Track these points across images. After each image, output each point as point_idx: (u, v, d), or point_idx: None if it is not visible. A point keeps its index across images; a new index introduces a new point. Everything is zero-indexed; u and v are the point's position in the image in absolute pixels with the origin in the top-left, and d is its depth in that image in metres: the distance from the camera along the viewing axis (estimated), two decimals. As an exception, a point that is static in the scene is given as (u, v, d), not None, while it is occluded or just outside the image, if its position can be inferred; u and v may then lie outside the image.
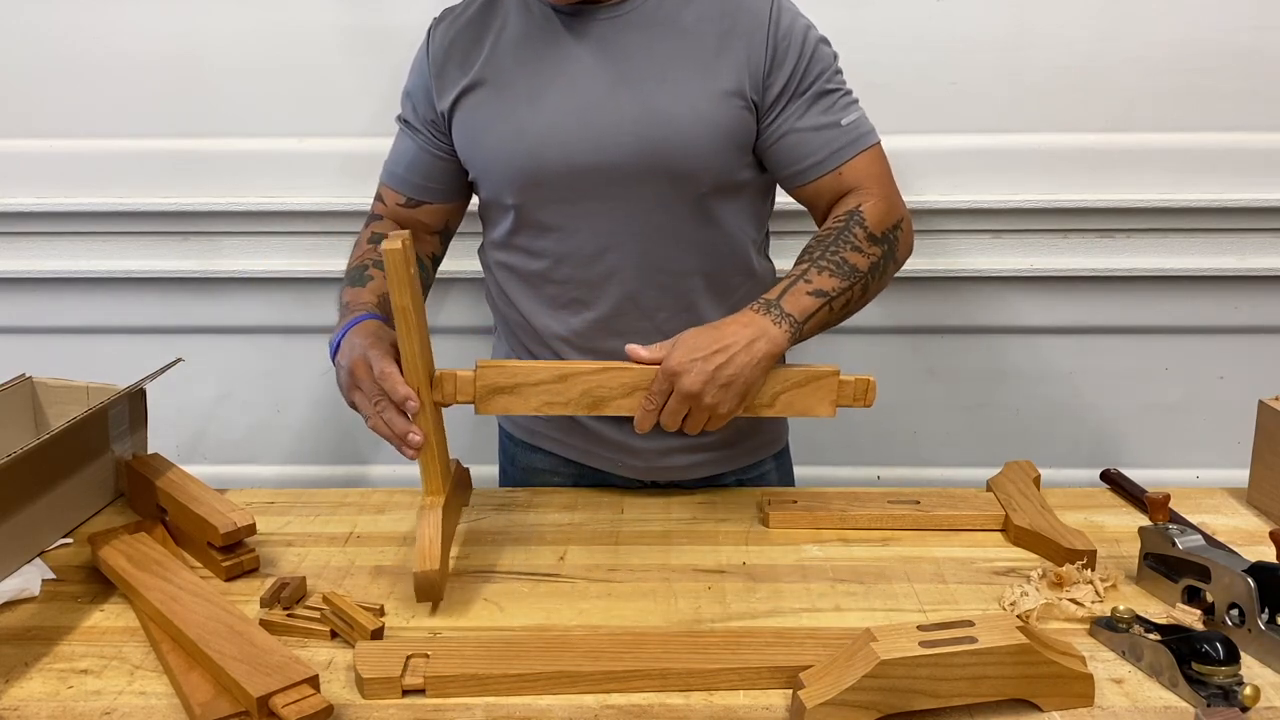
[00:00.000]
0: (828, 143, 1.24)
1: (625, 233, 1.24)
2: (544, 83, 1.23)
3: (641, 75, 1.22)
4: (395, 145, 1.36)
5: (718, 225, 1.27)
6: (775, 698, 0.92)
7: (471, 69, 1.26)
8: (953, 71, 1.64)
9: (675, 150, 1.21)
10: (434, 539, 1.08)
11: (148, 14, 1.65)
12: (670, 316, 1.27)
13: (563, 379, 1.12)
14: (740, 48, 1.22)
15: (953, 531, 1.23)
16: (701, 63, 1.22)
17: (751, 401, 1.13)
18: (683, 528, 1.26)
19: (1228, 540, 1.19)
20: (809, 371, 1.15)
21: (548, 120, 1.22)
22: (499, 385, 1.13)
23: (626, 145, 1.21)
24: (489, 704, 0.92)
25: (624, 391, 1.12)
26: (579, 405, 1.13)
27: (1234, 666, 0.90)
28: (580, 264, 1.26)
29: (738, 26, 1.22)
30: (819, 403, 1.15)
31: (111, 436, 1.30)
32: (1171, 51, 1.62)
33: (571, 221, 1.25)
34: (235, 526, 1.13)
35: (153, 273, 1.75)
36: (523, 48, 1.25)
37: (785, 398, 1.15)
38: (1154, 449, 1.81)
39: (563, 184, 1.23)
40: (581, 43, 1.23)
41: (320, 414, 1.84)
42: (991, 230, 1.70)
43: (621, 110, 1.21)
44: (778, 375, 1.14)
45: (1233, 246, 1.70)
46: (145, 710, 0.92)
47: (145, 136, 1.70)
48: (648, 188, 1.22)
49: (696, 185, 1.23)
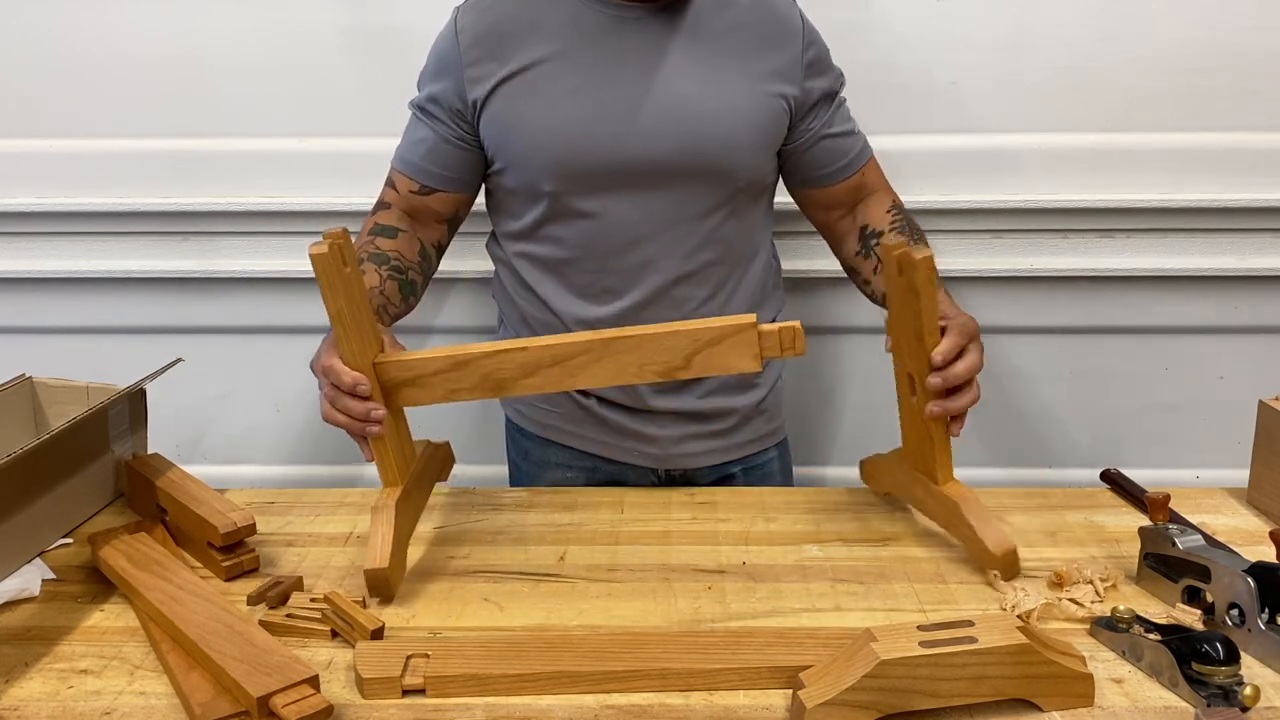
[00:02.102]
0: (853, 146, 1.37)
1: (661, 224, 1.28)
2: (588, 74, 1.26)
3: (686, 74, 1.26)
4: (409, 133, 1.35)
5: (747, 220, 1.33)
6: (775, 698, 0.92)
7: (509, 59, 1.27)
8: (953, 71, 1.64)
9: (717, 147, 1.26)
10: (386, 535, 1.09)
11: (148, 14, 1.65)
12: (698, 306, 1.33)
13: (460, 366, 1.11)
14: (779, 52, 1.29)
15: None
16: (744, 64, 1.28)
17: (670, 366, 1.09)
18: (683, 528, 1.26)
19: (1228, 540, 1.19)
20: (724, 326, 1.07)
21: (592, 111, 1.25)
22: (399, 379, 1.12)
23: (670, 140, 1.25)
24: (489, 704, 0.92)
25: (524, 372, 1.10)
26: (482, 390, 1.11)
27: (1234, 666, 0.89)
28: (614, 253, 1.30)
29: (774, 31, 1.29)
30: (740, 358, 1.08)
31: (111, 436, 1.30)
32: (1171, 51, 1.63)
33: (609, 211, 1.28)
34: (235, 526, 1.13)
35: (153, 273, 1.75)
36: (564, 39, 1.26)
37: (701, 358, 1.08)
38: (1154, 449, 1.81)
39: (604, 174, 1.26)
40: (626, 37, 1.26)
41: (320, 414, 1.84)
42: (991, 230, 1.70)
43: (665, 105, 1.24)
44: (689, 334, 1.08)
45: (1233, 246, 1.70)
46: (145, 710, 0.92)
47: (145, 136, 1.71)
48: (686, 182, 1.27)
49: (733, 181, 1.29)
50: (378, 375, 1.11)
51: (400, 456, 1.16)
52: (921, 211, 1.66)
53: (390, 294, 1.26)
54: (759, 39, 1.29)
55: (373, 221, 1.34)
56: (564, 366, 1.10)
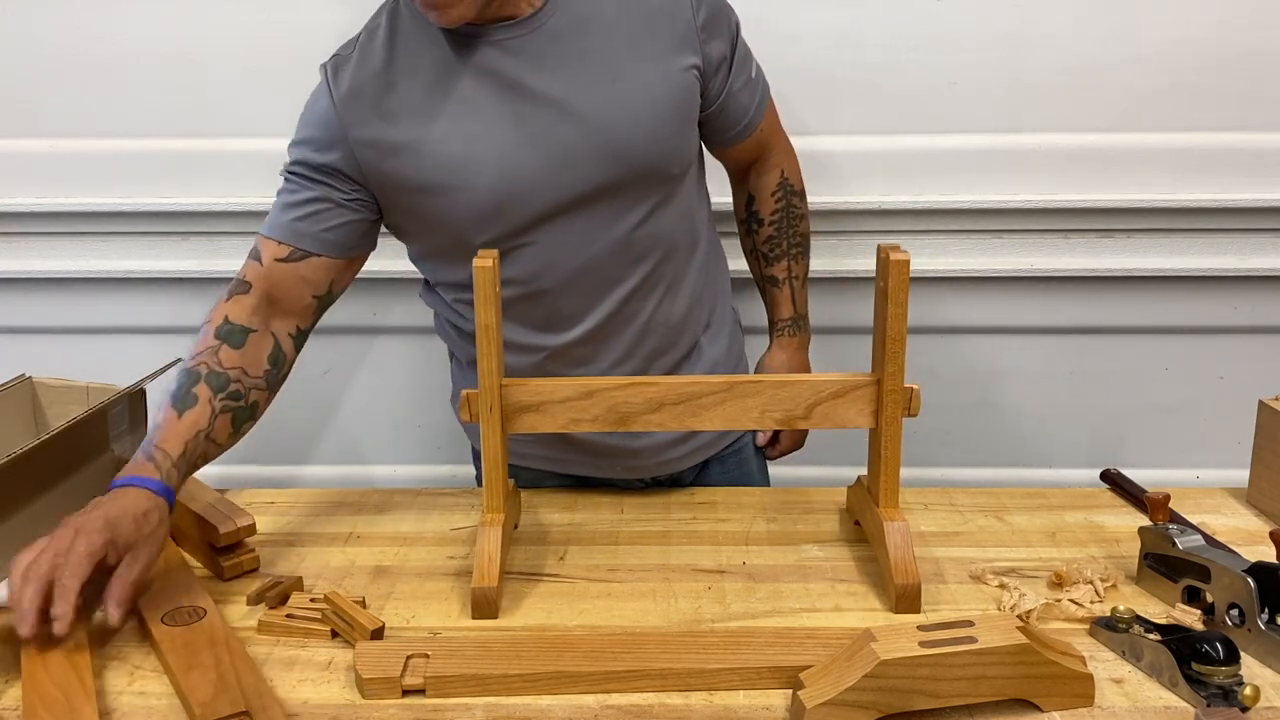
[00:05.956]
0: (751, 97, 1.30)
1: (607, 240, 1.22)
2: (487, 116, 1.16)
3: (589, 81, 1.17)
4: (279, 199, 1.22)
5: (688, 201, 1.28)
6: (775, 698, 0.92)
7: (398, 116, 1.17)
8: (953, 71, 1.64)
9: (642, 146, 1.19)
10: (493, 556, 1.08)
11: (148, 14, 1.65)
12: (660, 300, 1.27)
13: (588, 395, 1.12)
14: (671, 24, 1.20)
15: (953, 533, 1.23)
16: (642, 52, 1.19)
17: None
18: (683, 528, 1.26)
19: (1228, 540, 1.19)
20: (846, 381, 1.12)
21: (506, 154, 1.16)
22: (523, 404, 1.12)
23: (595, 157, 1.17)
24: (489, 704, 0.92)
25: (649, 408, 1.12)
26: (604, 421, 1.13)
27: (1234, 666, 0.90)
28: (565, 280, 1.22)
29: (659, 4, 1.20)
30: (859, 414, 1.12)
31: (111, 436, 1.30)
32: (1171, 51, 1.62)
33: (549, 243, 1.20)
34: (235, 526, 1.13)
35: (153, 273, 1.75)
36: (447, 84, 1.16)
37: (822, 408, 1.12)
38: (1154, 449, 1.81)
39: (536, 212, 1.19)
40: (512, 64, 1.16)
41: (320, 414, 1.84)
42: (991, 230, 1.70)
43: (578, 124, 1.16)
44: (812, 385, 1.12)
45: (1233, 246, 1.70)
46: (145, 710, 0.92)
47: (145, 136, 1.70)
48: (623, 190, 1.20)
49: (668, 170, 1.23)
50: (503, 397, 1.11)
51: (505, 485, 1.14)
52: (922, 212, 1.66)
53: (218, 434, 1.12)
54: (646, 15, 1.19)
55: (223, 316, 1.16)
56: (689, 405, 1.12)
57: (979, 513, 1.28)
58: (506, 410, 1.12)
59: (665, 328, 1.29)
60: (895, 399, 1.10)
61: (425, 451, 1.84)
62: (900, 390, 1.10)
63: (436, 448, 1.83)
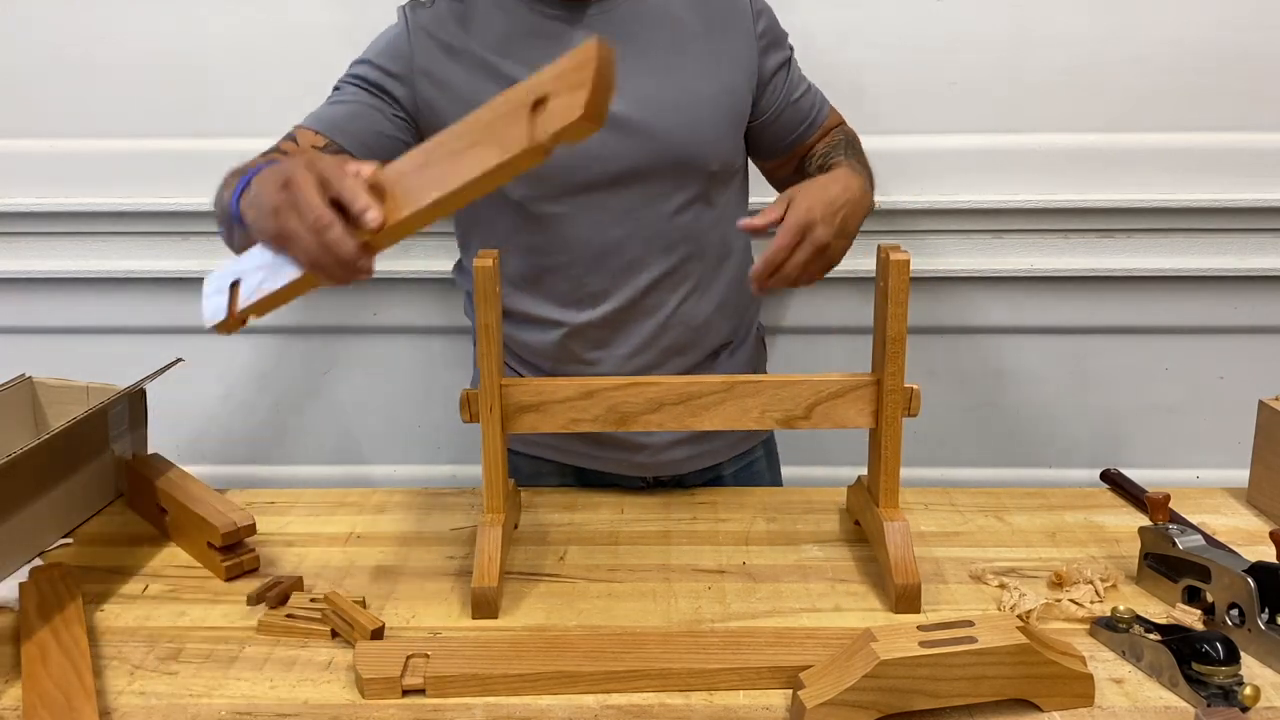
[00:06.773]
0: (812, 104, 1.37)
1: (639, 222, 1.26)
2: None
3: (644, 68, 1.23)
4: (326, 102, 1.27)
5: (725, 209, 1.30)
6: (775, 698, 0.92)
7: (461, 59, 1.23)
8: (953, 71, 1.64)
9: (684, 140, 1.24)
10: (493, 556, 1.08)
11: (148, 14, 1.65)
12: (685, 297, 1.29)
13: (588, 395, 1.12)
14: (731, 29, 1.26)
15: (953, 533, 1.23)
16: (699, 50, 1.25)
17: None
18: (683, 528, 1.26)
19: (1228, 540, 1.19)
20: (846, 380, 1.12)
21: None
22: (523, 403, 1.12)
23: (638, 138, 1.22)
24: (489, 704, 0.92)
25: (649, 407, 1.12)
26: (605, 421, 1.13)
27: (1234, 666, 0.90)
28: (593, 256, 1.26)
29: (722, 9, 1.27)
30: (859, 414, 1.13)
31: (111, 436, 1.30)
32: (1171, 51, 1.62)
33: (581, 214, 1.25)
34: (235, 526, 1.13)
35: (153, 273, 1.75)
36: (511, 48, 1.23)
37: (822, 408, 1.13)
38: (1154, 449, 1.81)
39: (570, 179, 1.23)
40: (574, 38, 1.22)
41: (320, 414, 1.84)
42: (991, 230, 1.70)
43: (629, 104, 1.21)
44: (813, 385, 1.12)
45: (1233, 246, 1.70)
46: (145, 710, 0.92)
47: (145, 136, 1.70)
48: (658, 176, 1.25)
49: (705, 170, 1.26)
50: (503, 396, 1.11)
51: (505, 486, 1.15)
52: (922, 212, 1.66)
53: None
54: (709, 19, 1.26)
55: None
56: (689, 405, 1.13)
57: (979, 513, 1.28)
58: (506, 410, 1.12)
59: (687, 326, 1.30)
60: (895, 399, 1.10)
61: (426, 451, 1.84)
62: (900, 390, 1.10)
63: (437, 448, 1.83)
